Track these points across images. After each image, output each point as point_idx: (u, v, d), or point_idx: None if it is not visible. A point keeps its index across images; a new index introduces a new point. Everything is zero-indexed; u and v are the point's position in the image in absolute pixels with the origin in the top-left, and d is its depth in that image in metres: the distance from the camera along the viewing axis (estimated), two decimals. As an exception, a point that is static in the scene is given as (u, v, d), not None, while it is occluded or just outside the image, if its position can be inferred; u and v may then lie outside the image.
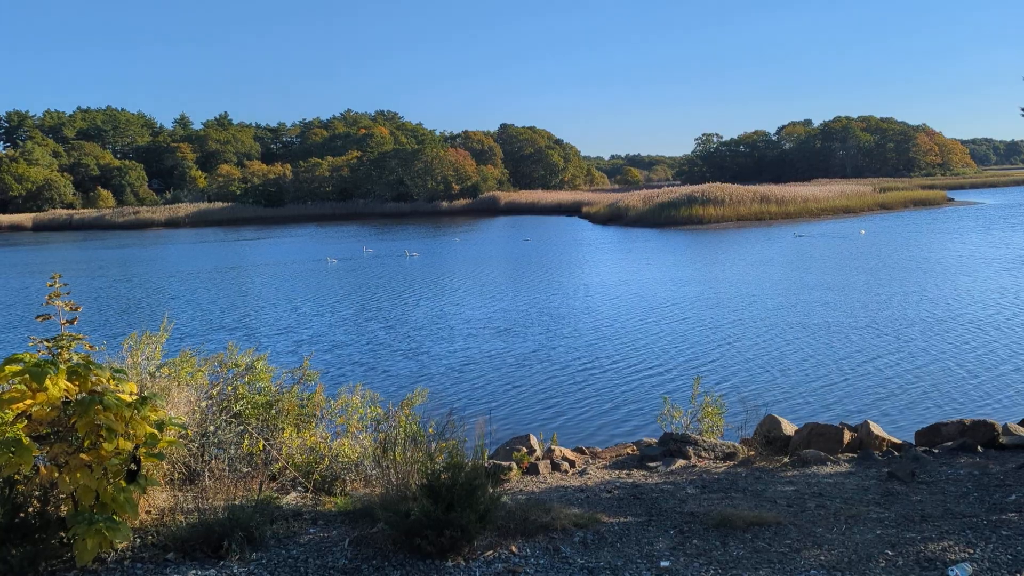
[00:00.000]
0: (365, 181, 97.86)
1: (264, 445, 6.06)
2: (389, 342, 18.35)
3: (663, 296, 23.65)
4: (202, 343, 17.66)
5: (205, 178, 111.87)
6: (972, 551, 4.44)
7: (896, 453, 7.18)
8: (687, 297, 23.26)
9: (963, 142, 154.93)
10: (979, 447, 7.09)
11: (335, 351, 17.60)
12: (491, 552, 4.50)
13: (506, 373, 14.95)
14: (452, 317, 21.49)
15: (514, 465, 6.92)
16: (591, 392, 13.42)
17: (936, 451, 7.16)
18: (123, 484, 4.15)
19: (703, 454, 7.35)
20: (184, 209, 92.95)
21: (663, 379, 14.07)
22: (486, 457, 6.65)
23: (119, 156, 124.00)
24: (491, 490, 4.70)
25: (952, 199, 73.72)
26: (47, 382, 4.06)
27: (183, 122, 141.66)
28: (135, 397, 4.28)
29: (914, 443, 7.69)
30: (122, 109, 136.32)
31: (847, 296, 22.31)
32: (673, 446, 7.44)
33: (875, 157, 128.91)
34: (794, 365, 14.67)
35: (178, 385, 6.16)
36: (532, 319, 20.64)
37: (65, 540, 4.13)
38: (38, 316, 4.72)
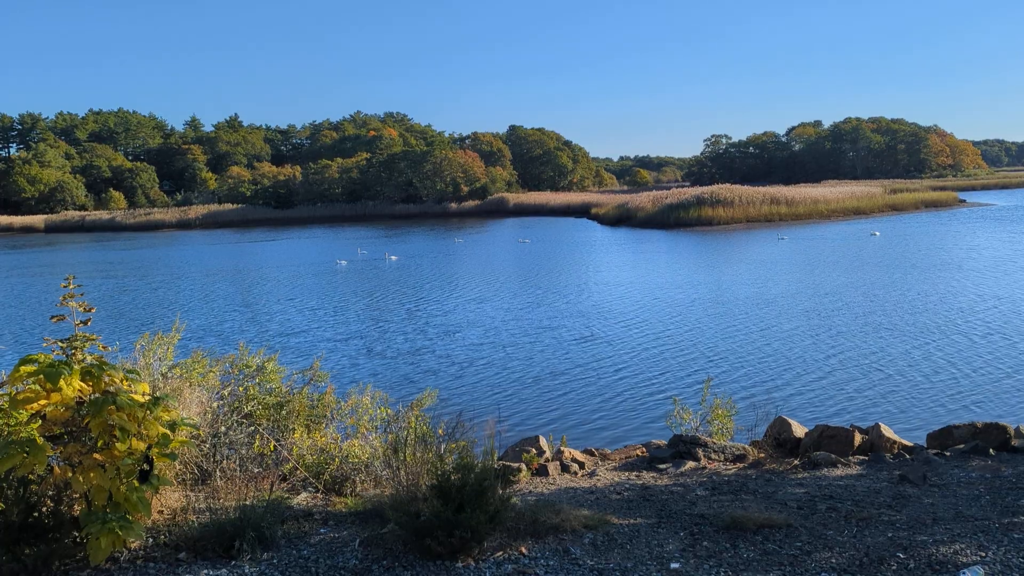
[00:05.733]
0: (374, 183, 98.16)
1: (275, 446, 6.09)
2: (398, 343, 18.39)
3: (672, 297, 23.61)
4: (213, 344, 17.76)
5: (216, 180, 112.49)
6: (984, 554, 4.42)
7: (907, 455, 7.15)
8: (696, 298, 23.21)
9: (975, 143, 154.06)
10: (991, 450, 7.04)
11: (345, 352, 17.65)
12: (501, 553, 4.51)
13: (515, 374, 14.96)
14: (461, 318, 21.52)
15: (524, 466, 6.92)
16: (600, 393, 13.41)
17: (948, 454, 7.12)
18: (136, 484, 4.18)
19: (713, 456, 7.33)
20: (195, 211, 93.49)
21: (672, 380, 14.04)
22: (496, 458, 6.65)
23: (131, 158, 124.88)
24: (501, 491, 4.71)
25: (964, 200, 73.27)
26: (61, 382, 4.09)
27: (194, 124, 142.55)
28: (148, 398, 4.31)
29: (925, 445, 7.65)
30: (134, 111, 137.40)
31: (858, 298, 22.20)
32: (683, 448, 7.42)
33: (886, 158, 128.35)
34: (804, 367, 14.62)
35: (190, 386, 6.20)
36: (541, 320, 20.64)
37: (79, 539, 4.16)
38: (52, 317, 4.76)
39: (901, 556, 4.43)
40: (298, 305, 25.39)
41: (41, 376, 4.11)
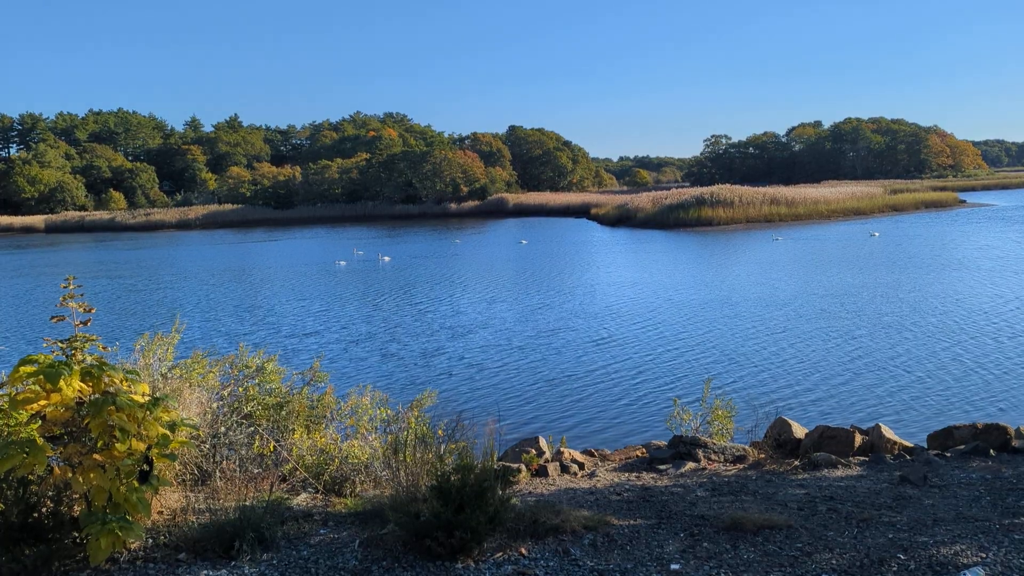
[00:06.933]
0: (374, 183, 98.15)
1: (275, 446, 6.09)
2: (398, 344, 18.39)
3: (672, 298, 23.61)
4: (220, 345, 17.76)
5: (215, 180, 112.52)
6: (985, 555, 4.42)
7: (908, 456, 7.14)
8: (696, 299, 23.21)
9: (975, 144, 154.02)
10: (992, 451, 7.04)
11: (344, 353, 17.64)
12: (501, 554, 4.50)
13: (515, 375, 14.95)
14: (461, 320, 21.51)
15: (523, 467, 6.92)
16: (600, 394, 13.41)
17: (948, 454, 7.12)
18: (136, 484, 4.18)
19: (713, 457, 7.32)
20: (195, 211, 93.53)
21: (672, 381, 14.04)
22: (495, 459, 6.65)
23: (131, 158, 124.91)
24: (501, 492, 4.70)
25: (964, 201, 73.27)
26: (61, 383, 4.09)
27: (194, 124, 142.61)
28: (147, 398, 4.30)
29: (926, 446, 7.64)
30: (134, 112, 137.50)
31: (858, 298, 22.20)
32: (683, 449, 7.42)
33: (886, 159, 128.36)
34: (805, 367, 14.61)
35: (190, 386, 6.19)
36: (540, 321, 20.64)
37: (78, 540, 4.16)
38: (52, 317, 4.76)
39: (902, 557, 4.42)
40: (300, 306, 25.39)
41: (41, 376, 4.10)
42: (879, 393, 12.81)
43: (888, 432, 7.56)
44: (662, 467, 7.06)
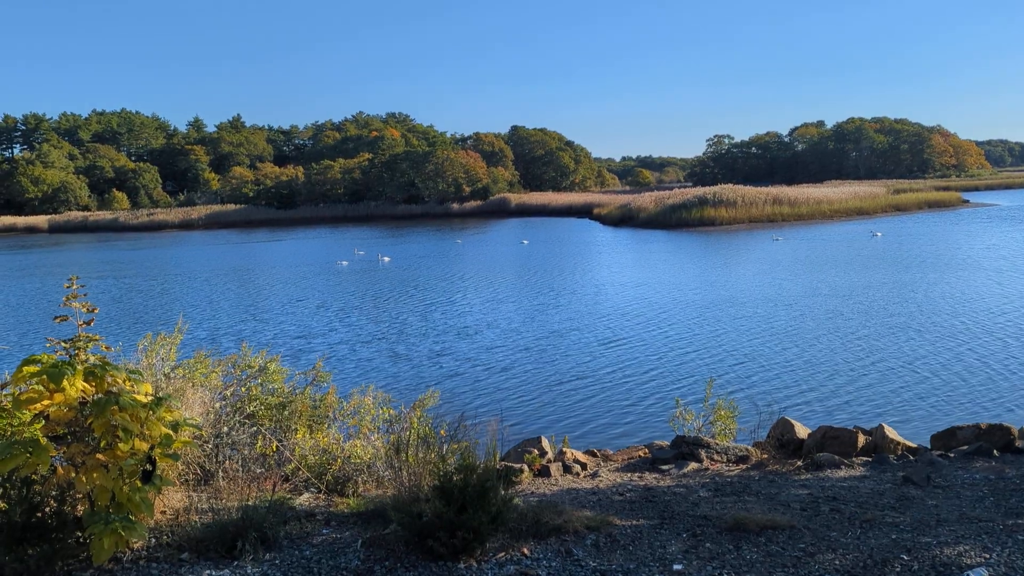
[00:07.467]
0: (376, 183, 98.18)
1: (277, 446, 6.09)
2: (401, 344, 18.40)
3: (674, 298, 23.59)
4: (217, 344, 17.79)
5: (218, 180, 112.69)
6: (988, 556, 4.41)
7: (911, 457, 7.13)
8: (698, 299, 23.18)
9: (978, 143, 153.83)
10: (995, 451, 7.02)
11: (347, 353, 17.65)
12: (503, 554, 4.50)
13: (518, 375, 14.95)
14: (463, 320, 21.52)
15: (526, 467, 6.91)
16: (603, 394, 13.40)
17: (952, 455, 7.10)
18: (139, 484, 4.19)
19: (715, 457, 7.32)
20: (198, 211, 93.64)
21: (674, 381, 14.03)
22: (498, 459, 6.65)
23: (134, 159, 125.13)
24: (503, 492, 4.70)
25: (967, 201, 73.12)
26: (64, 383, 4.10)
27: (197, 125, 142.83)
28: (150, 398, 4.31)
29: (929, 447, 7.63)
30: (137, 112, 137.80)
31: (861, 298, 22.16)
32: (685, 449, 7.41)
33: (889, 158, 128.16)
34: (807, 367, 14.59)
35: (192, 386, 6.20)
36: (543, 321, 20.64)
37: (81, 539, 4.16)
38: (55, 317, 4.77)
39: (905, 558, 4.41)
40: (303, 306, 25.41)
41: (44, 376, 4.11)
42: (883, 393, 12.78)
43: (891, 432, 7.55)
44: (665, 467, 7.06)
